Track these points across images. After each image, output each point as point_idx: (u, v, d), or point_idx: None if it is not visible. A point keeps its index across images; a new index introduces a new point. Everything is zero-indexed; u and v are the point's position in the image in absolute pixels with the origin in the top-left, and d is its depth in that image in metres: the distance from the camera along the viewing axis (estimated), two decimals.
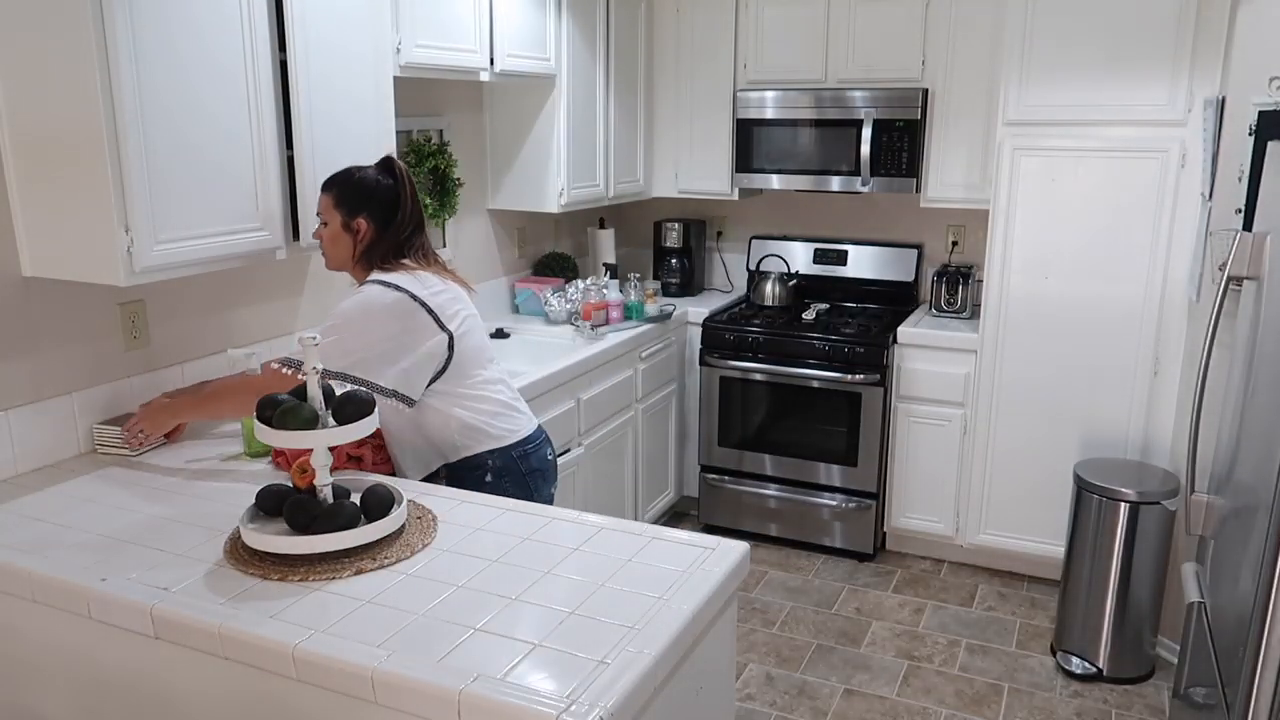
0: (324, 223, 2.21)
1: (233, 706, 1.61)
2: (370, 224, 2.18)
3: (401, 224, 2.19)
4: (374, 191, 2.18)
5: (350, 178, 2.20)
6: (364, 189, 2.18)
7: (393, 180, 2.20)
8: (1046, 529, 3.62)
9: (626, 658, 1.46)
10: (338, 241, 2.20)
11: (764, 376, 3.94)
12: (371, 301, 2.11)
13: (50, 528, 1.91)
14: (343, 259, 2.22)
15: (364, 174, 2.20)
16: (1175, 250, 3.28)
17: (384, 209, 2.18)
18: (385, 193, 2.18)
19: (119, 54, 1.92)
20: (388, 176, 2.21)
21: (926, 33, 3.76)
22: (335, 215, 2.18)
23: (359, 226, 2.18)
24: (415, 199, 2.23)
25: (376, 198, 2.18)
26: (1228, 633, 2.07)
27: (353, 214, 2.17)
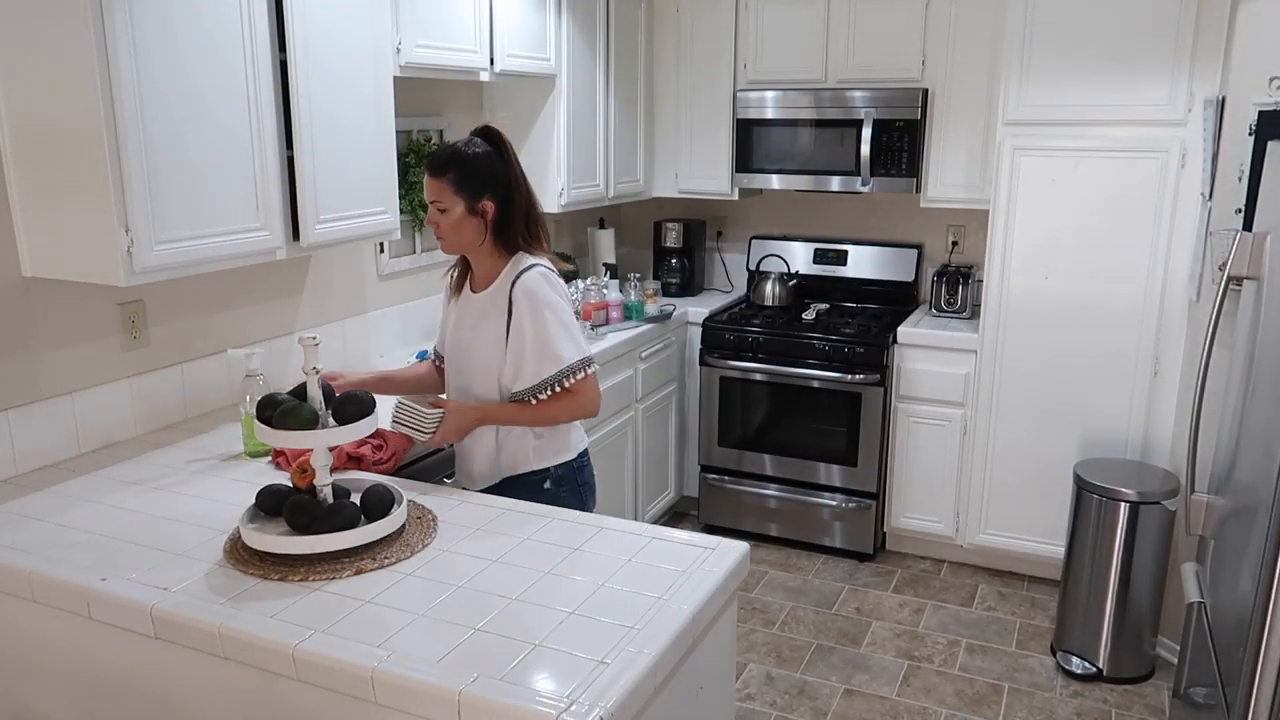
0: (441, 209, 2.09)
1: (233, 706, 1.61)
2: (496, 203, 2.11)
3: (518, 191, 2.13)
4: (494, 168, 2.10)
5: (466, 157, 2.09)
6: (484, 168, 2.09)
7: (499, 149, 2.13)
8: (1046, 529, 3.62)
9: (626, 658, 1.46)
10: (463, 227, 2.10)
11: (764, 376, 3.94)
12: (552, 283, 2.13)
13: (50, 528, 1.91)
14: (468, 243, 2.14)
15: (476, 150, 2.10)
16: (1175, 250, 3.28)
17: (504, 183, 2.12)
18: (501, 166, 2.12)
19: (119, 54, 1.92)
20: (492, 145, 2.13)
21: (926, 33, 3.76)
22: (457, 200, 2.08)
23: (485, 209, 2.10)
24: (521, 169, 2.16)
25: (497, 174, 2.11)
26: (1228, 633, 2.07)
27: (477, 196, 2.09)
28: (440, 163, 2.09)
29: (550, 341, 2.08)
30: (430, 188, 2.10)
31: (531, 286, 2.09)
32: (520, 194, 2.14)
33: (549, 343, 2.08)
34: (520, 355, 2.10)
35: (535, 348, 2.08)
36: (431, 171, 2.10)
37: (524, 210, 2.15)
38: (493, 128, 2.15)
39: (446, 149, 2.12)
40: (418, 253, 3.46)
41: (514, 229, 2.14)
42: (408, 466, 2.48)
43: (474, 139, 2.13)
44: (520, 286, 2.10)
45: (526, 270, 2.11)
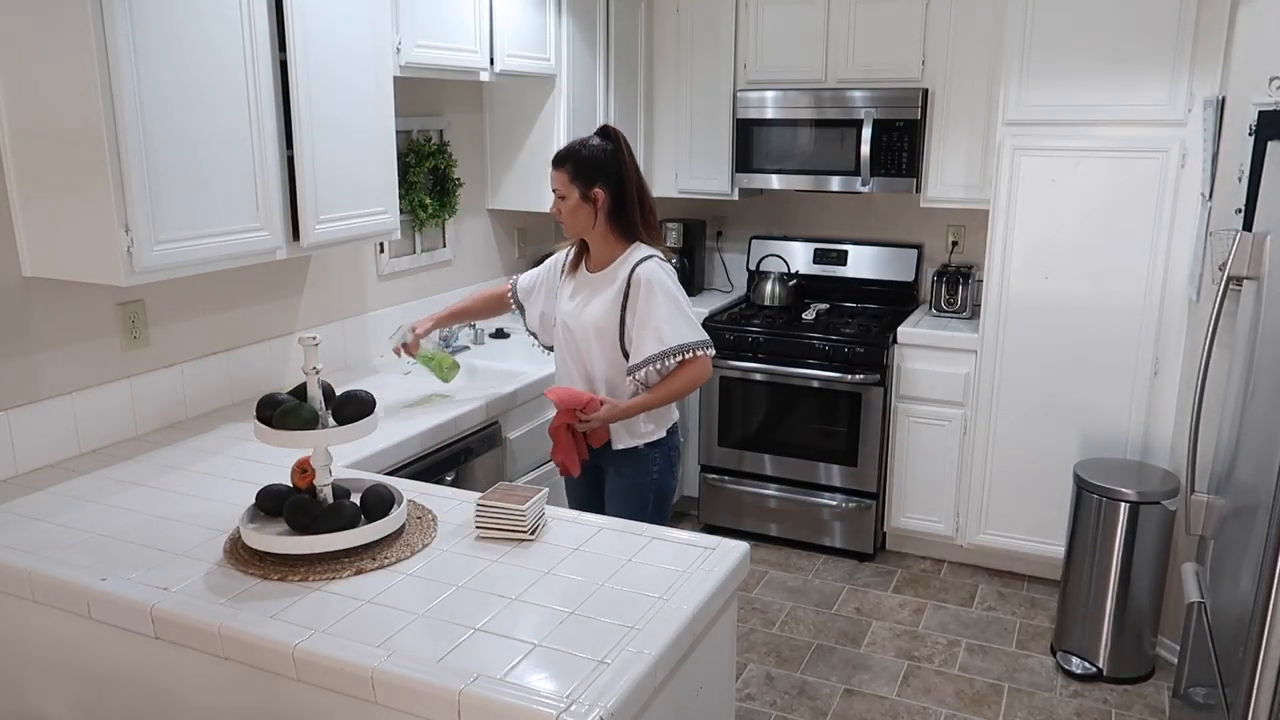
0: (561, 197, 2.41)
1: (233, 706, 1.61)
2: (607, 191, 2.39)
3: (629, 182, 2.41)
4: (605, 160, 2.39)
5: (581, 152, 2.40)
6: (596, 160, 2.39)
7: (614, 144, 2.41)
8: (1046, 529, 3.62)
9: (626, 658, 1.46)
10: (579, 213, 2.41)
11: (764, 376, 3.94)
12: (669, 273, 2.42)
13: (50, 528, 1.91)
14: (584, 227, 2.44)
15: (590, 145, 2.40)
16: (1175, 250, 3.28)
17: (616, 174, 2.40)
18: (613, 159, 2.40)
19: (119, 54, 1.92)
20: (608, 142, 2.41)
21: (926, 33, 3.76)
22: (573, 189, 2.39)
23: (597, 196, 2.39)
24: (635, 162, 2.44)
25: (608, 165, 2.39)
26: (1228, 633, 2.07)
27: (589, 184, 2.38)
28: (560, 156, 2.42)
29: (663, 322, 2.36)
30: (553, 178, 2.43)
31: (649, 273, 2.37)
32: (632, 185, 2.42)
33: (662, 323, 2.36)
34: (638, 333, 2.38)
35: (651, 327, 2.36)
36: (554, 164, 2.42)
37: (636, 200, 2.43)
38: (611, 127, 2.45)
39: (568, 145, 2.45)
40: (417, 253, 3.46)
41: (628, 216, 2.42)
42: (407, 466, 2.48)
43: (593, 136, 2.44)
44: (638, 273, 2.38)
45: (644, 260, 2.40)
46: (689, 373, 2.43)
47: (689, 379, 2.43)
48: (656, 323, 2.36)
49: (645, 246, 2.44)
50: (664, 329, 2.36)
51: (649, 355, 2.37)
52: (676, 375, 2.42)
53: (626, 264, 2.41)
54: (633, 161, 2.44)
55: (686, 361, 2.40)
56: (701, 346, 2.41)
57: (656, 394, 2.43)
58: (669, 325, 2.37)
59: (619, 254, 2.44)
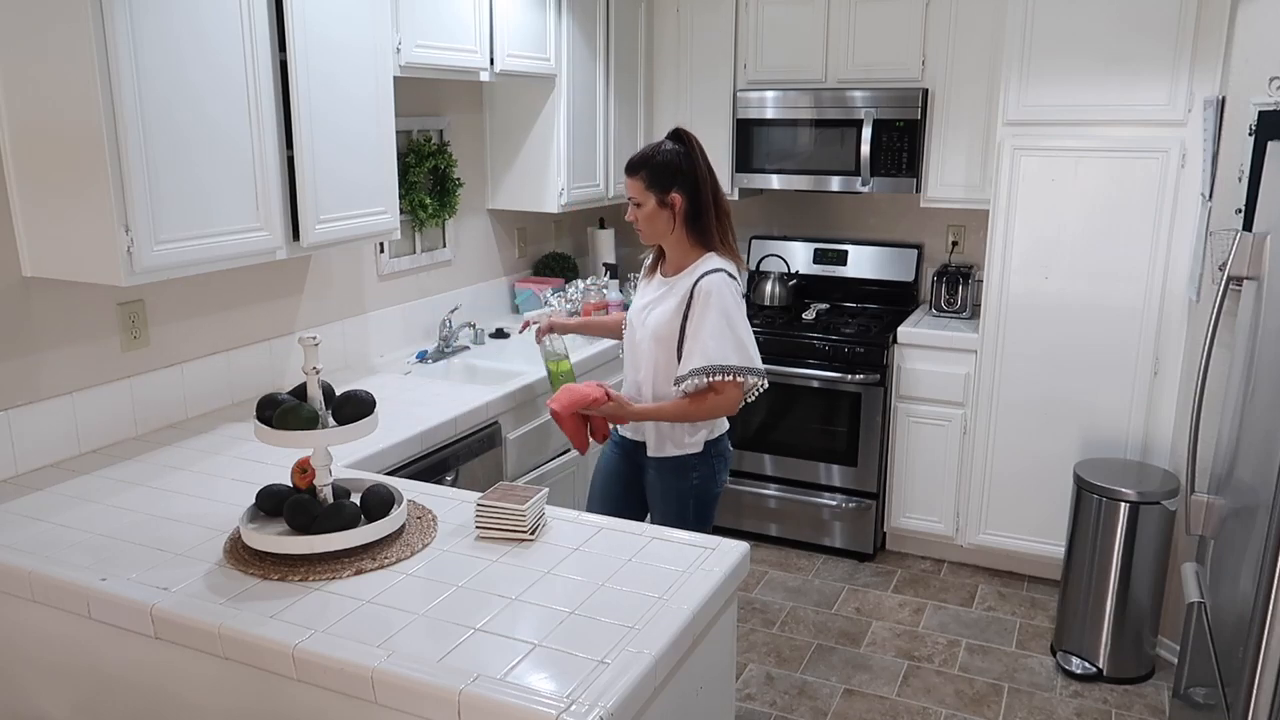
0: (637, 204, 2.37)
1: (233, 706, 1.61)
2: (684, 196, 2.34)
3: (705, 185, 2.35)
4: (680, 163, 2.34)
5: (655, 157, 2.34)
6: (671, 164, 2.33)
7: (686, 147, 2.35)
8: (1046, 529, 3.62)
9: (626, 658, 1.46)
10: (656, 219, 2.36)
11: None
12: (733, 291, 2.34)
13: (50, 528, 1.91)
14: (662, 233, 2.39)
15: (664, 150, 2.35)
16: (1175, 250, 3.28)
17: (691, 178, 2.34)
18: (687, 162, 2.34)
19: (119, 54, 1.92)
20: (681, 145, 2.36)
21: (926, 33, 3.76)
22: (649, 195, 2.34)
23: (674, 201, 2.34)
24: (709, 164, 2.38)
25: (684, 169, 2.34)
26: (1228, 633, 2.07)
27: (666, 190, 2.33)
28: (635, 163, 2.37)
29: (710, 339, 2.29)
30: (628, 186, 2.38)
31: (712, 287, 2.31)
32: (707, 188, 2.37)
33: (708, 340, 2.29)
34: (688, 345, 2.33)
35: (699, 340, 2.30)
36: (628, 171, 2.38)
37: (711, 204, 2.38)
38: (683, 130, 2.39)
39: (641, 151, 2.39)
40: (418, 253, 3.46)
41: (705, 220, 2.37)
42: (407, 466, 2.48)
43: (665, 140, 2.38)
44: (703, 284, 2.31)
45: (711, 272, 2.33)
46: (714, 399, 2.33)
47: (711, 405, 2.34)
48: (704, 338, 2.29)
49: (717, 258, 2.37)
50: (709, 346, 2.29)
51: (692, 369, 2.30)
52: (702, 397, 2.33)
53: (694, 274, 2.35)
54: (707, 164, 2.38)
55: (716, 384, 2.30)
56: (740, 373, 2.31)
57: (672, 410, 2.36)
58: (714, 343, 2.29)
59: (691, 261, 2.39)
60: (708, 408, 2.34)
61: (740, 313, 2.35)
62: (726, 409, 2.37)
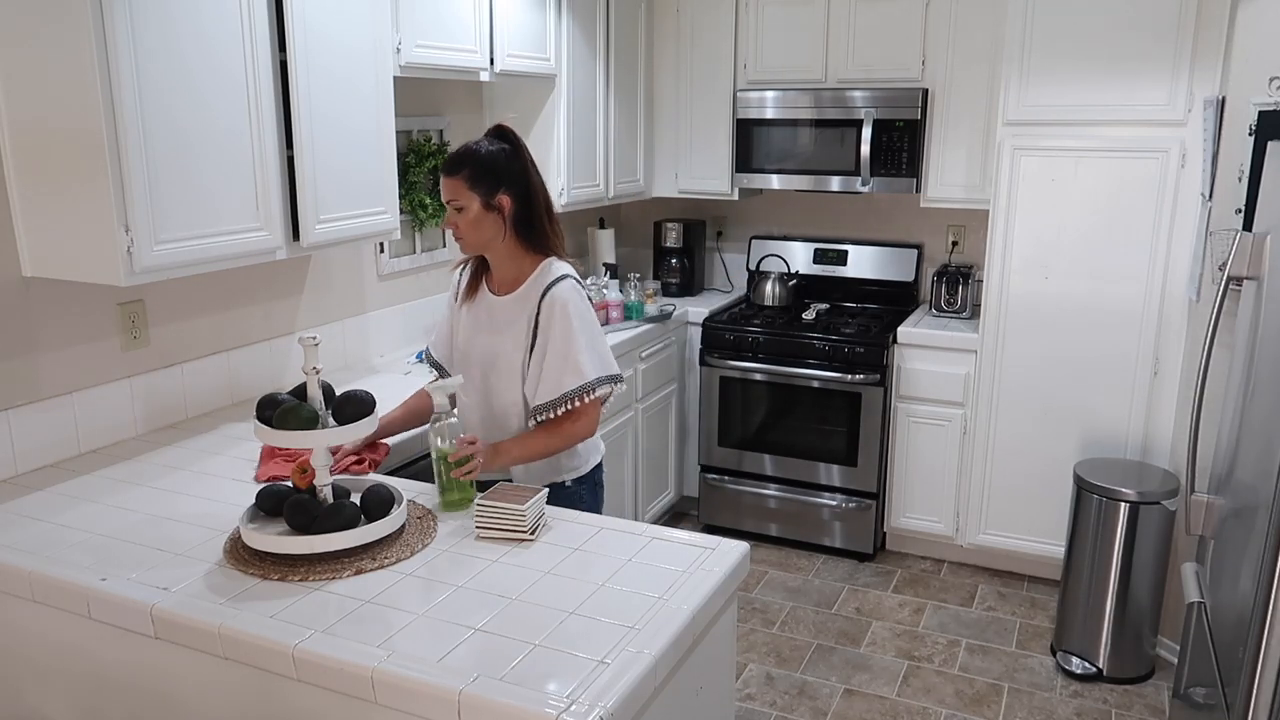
0: (458, 208, 2.08)
1: (233, 706, 1.61)
2: (513, 197, 2.09)
3: (535, 187, 2.13)
4: (507, 163, 2.09)
5: (477, 155, 2.08)
6: (497, 163, 2.08)
7: (513, 146, 2.12)
8: (1046, 529, 3.62)
9: (626, 658, 1.46)
10: (481, 225, 2.09)
11: (764, 376, 3.94)
12: (584, 298, 2.13)
13: (50, 528, 1.91)
14: (486, 241, 2.12)
15: (488, 148, 2.09)
16: (1175, 250, 3.28)
17: (521, 178, 2.10)
18: (515, 161, 2.11)
19: (119, 54, 1.92)
20: (506, 143, 2.12)
21: (926, 33, 3.76)
22: (473, 197, 2.06)
23: (502, 203, 2.08)
24: (535, 165, 2.15)
25: (511, 169, 2.10)
26: (1228, 633, 2.07)
27: (492, 191, 2.07)
28: (454, 161, 2.08)
29: (576, 355, 2.07)
30: (446, 187, 2.09)
31: (564, 297, 2.08)
32: (538, 191, 2.13)
33: (574, 356, 2.07)
34: (543, 367, 2.09)
35: (558, 360, 2.07)
36: (446, 171, 2.09)
37: (543, 208, 2.14)
38: (506, 126, 2.15)
39: (460, 148, 2.11)
40: (418, 253, 3.46)
41: (538, 224, 2.13)
42: (409, 466, 2.48)
43: (487, 137, 2.13)
44: (551, 296, 2.08)
45: (559, 280, 2.10)
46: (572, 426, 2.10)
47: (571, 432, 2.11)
48: (579, 357, 2.06)
49: (559, 263, 2.15)
50: (570, 363, 2.06)
51: (554, 396, 2.07)
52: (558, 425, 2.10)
53: (539, 284, 2.11)
54: (533, 164, 2.14)
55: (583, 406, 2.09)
56: (602, 384, 2.10)
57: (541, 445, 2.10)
58: (577, 359, 2.07)
59: (529, 272, 2.14)
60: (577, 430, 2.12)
61: (595, 321, 2.15)
62: (588, 430, 2.15)
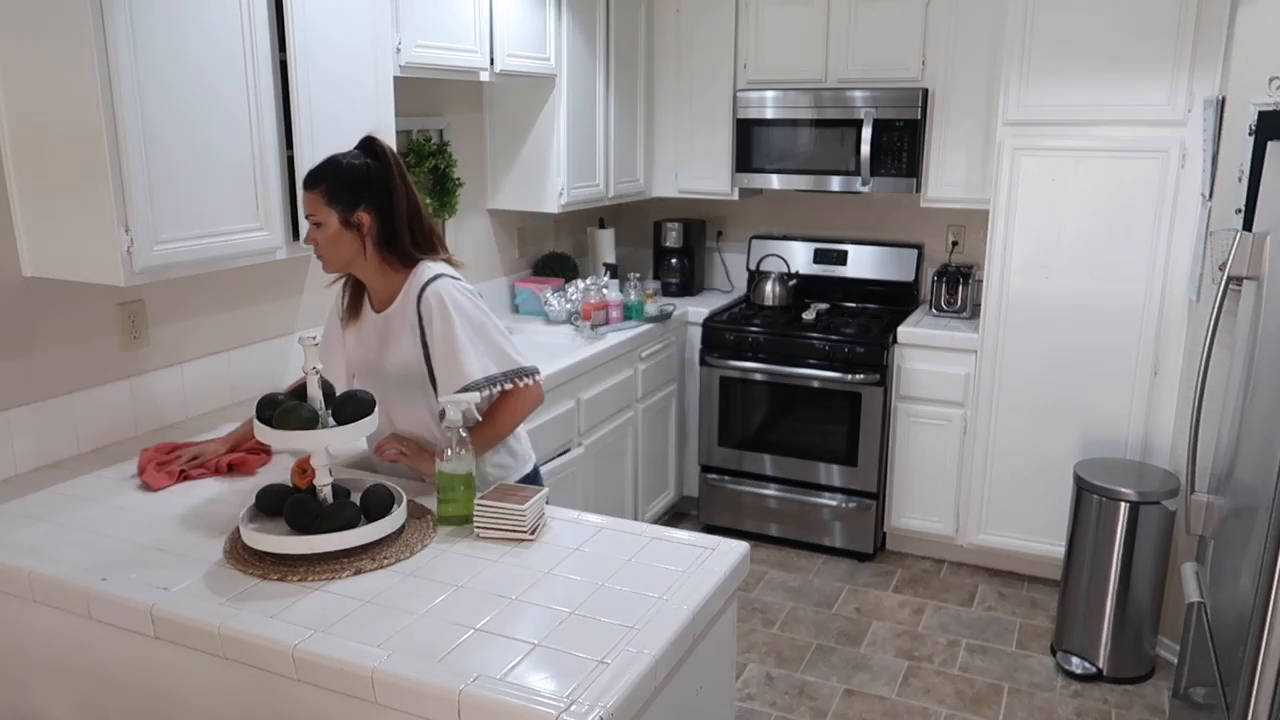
0: (316, 223, 1.97)
1: (233, 706, 1.61)
2: (373, 215, 1.97)
3: (398, 208, 1.99)
4: (370, 177, 1.97)
5: (339, 169, 1.97)
6: (359, 177, 1.97)
7: (379, 160, 1.99)
8: (1046, 529, 3.62)
9: (626, 658, 1.46)
10: (339, 241, 1.97)
11: (764, 376, 3.94)
12: (465, 292, 2.02)
13: (50, 528, 1.91)
14: (346, 259, 2.01)
15: (350, 161, 1.98)
16: (1175, 250, 3.28)
17: (384, 193, 1.98)
18: (378, 176, 1.98)
19: (119, 54, 1.92)
20: (372, 158, 1.99)
21: (926, 33, 3.76)
22: (330, 212, 1.95)
23: (361, 220, 1.97)
24: (406, 179, 2.02)
25: (373, 184, 1.97)
26: (1228, 633, 2.07)
27: (351, 207, 1.96)
28: (313, 174, 1.98)
29: (458, 356, 1.98)
30: (304, 201, 1.99)
31: (440, 295, 1.98)
32: (402, 203, 2.00)
33: (456, 357, 1.98)
34: (441, 370, 2.01)
35: (444, 365, 2.00)
36: (305, 184, 1.99)
37: (408, 220, 2.01)
38: (375, 139, 2.03)
39: (322, 161, 2.00)
40: None
41: (401, 240, 2.01)
42: None
43: (353, 150, 2.02)
44: (426, 299, 1.99)
45: (432, 281, 2.00)
46: (508, 408, 2.05)
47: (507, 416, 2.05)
48: (460, 356, 1.98)
49: (431, 264, 2.04)
50: (466, 363, 1.97)
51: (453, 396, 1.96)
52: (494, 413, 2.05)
53: (412, 292, 2.01)
54: (404, 176, 2.02)
55: (507, 393, 2.04)
56: (521, 375, 2.04)
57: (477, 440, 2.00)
58: (473, 357, 1.98)
59: (402, 283, 2.03)
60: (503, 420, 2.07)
61: (484, 313, 2.04)
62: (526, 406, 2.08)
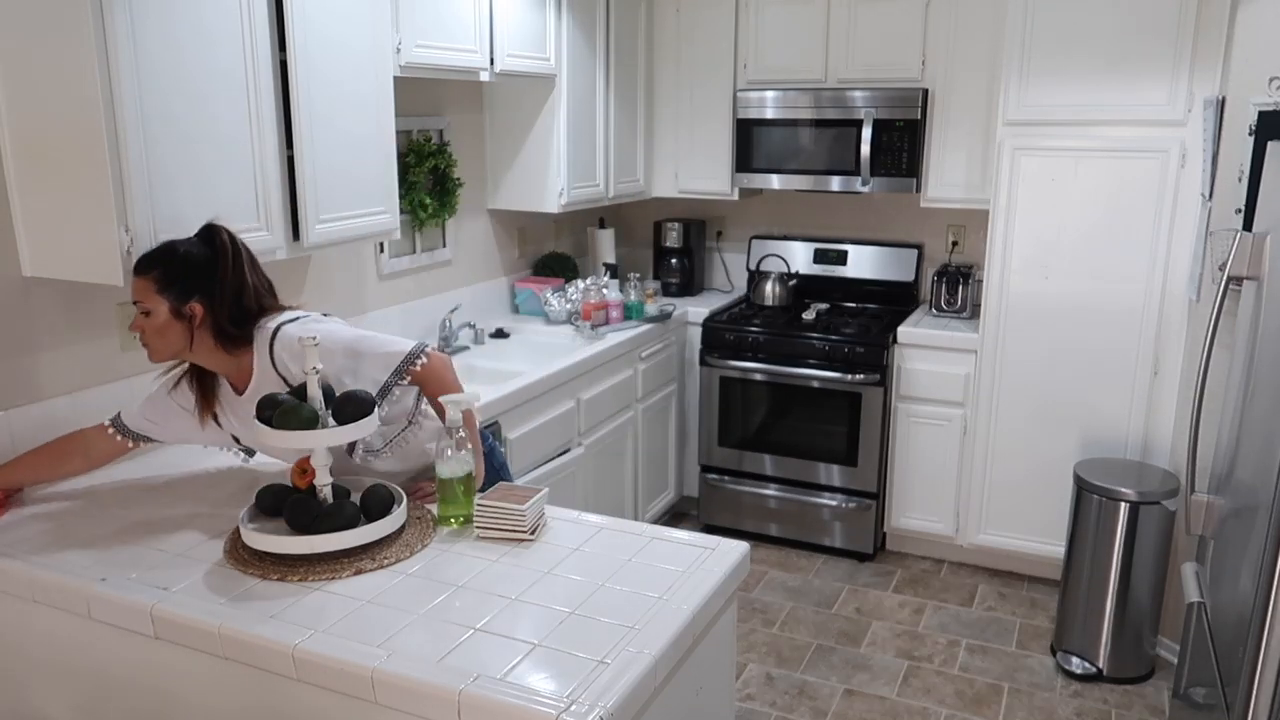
0: (145, 311, 1.87)
1: (233, 706, 1.61)
2: (205, 305, 1.88)
3: (226, 295, 1.89)
4: (205, 270, 1.89)
5: (174, 255, 1.89)
6: (192, 267, 1.88)
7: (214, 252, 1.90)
8: (1046, 529, 3.62)
9: (626, 658, 1.46)
10: (168, 332, 1.88)
11: (764, 376, 3.94)
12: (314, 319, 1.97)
13: (50, 528, 1.91)
14: (175, 349, 1.91)
15: (189, 250, 1.91)
16: (1175, 250, 3.28)
17: (214, 288, 1.89)
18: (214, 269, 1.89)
19: (119, 54, 1.92)
20: (210, 247, 1.91)
21: (926, 33, 3.76)
22: (161, 300, 1.86)
23: (194, 311, 1.87)
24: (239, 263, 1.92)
25: (209, 277, 1.89)
26: (1228, 633, 2.07)
27: (183, 298, 1.87)
28: (145, 260, 1.90)
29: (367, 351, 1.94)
30: (133, 287, 1.89)
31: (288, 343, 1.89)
32: (229, 288, 1.90)
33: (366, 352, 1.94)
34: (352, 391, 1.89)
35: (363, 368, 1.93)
36: (135, 269, 1.90)
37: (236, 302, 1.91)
38: (216, 226, 1.94)
39: (158, 246, 1.93)
40: (418, 252, 3.46)
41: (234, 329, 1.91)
42: None
43: (191, 238, 1.94)
44: (279, 355, 1.89)
45: (275, 335, 1.90)
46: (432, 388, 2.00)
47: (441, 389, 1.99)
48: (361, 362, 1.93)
49: (266, 324, 1.92)
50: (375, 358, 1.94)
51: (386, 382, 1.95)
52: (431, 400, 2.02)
53: (264, 356, 1.90)
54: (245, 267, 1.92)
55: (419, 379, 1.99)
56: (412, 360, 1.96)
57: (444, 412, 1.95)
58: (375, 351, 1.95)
59: (250, 359, 1.92)
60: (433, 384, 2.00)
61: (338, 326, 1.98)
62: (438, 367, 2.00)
